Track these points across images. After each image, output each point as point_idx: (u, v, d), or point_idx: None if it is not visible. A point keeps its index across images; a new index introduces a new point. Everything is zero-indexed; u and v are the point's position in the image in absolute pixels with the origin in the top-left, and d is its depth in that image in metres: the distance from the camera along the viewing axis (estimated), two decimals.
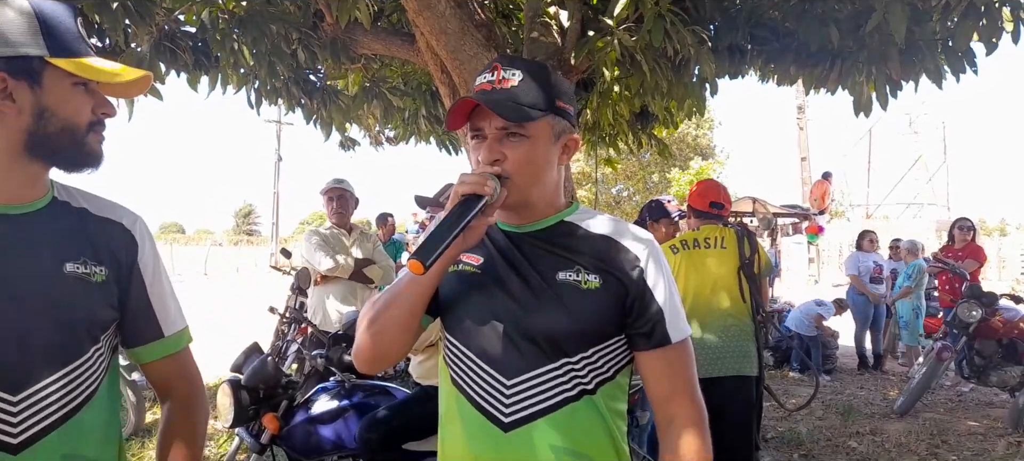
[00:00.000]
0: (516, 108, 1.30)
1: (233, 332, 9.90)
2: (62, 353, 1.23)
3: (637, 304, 1.33)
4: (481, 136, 1.34)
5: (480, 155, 1.34)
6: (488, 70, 1.36)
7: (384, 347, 1.37)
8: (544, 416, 1.30)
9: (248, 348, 3.27)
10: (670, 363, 1.35)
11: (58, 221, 1.28)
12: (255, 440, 3.17)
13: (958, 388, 7.12)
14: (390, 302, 1.35)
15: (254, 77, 4.87)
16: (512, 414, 1.31)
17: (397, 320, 1.35)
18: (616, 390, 1.38)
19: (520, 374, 1.31)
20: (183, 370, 1.46)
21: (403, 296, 1.34)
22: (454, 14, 4.03)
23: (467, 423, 1.35)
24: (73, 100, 1.23)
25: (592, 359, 1.33)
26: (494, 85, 1.33)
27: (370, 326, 1.37)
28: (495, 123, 1.32)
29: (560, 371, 1.31)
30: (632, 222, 2.26)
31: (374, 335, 1.36)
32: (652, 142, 6.47)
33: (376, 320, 1.36)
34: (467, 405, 1.35)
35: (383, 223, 9.27)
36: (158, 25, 4.20)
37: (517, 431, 1.30)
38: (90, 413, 1.26)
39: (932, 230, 23.87)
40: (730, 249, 3.75)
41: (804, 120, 22.57)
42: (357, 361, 1.41)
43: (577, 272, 1.33)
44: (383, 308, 1.36)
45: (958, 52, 4.31)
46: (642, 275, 1.33)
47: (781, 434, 5.48)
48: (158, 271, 1.41)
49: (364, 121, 6.79)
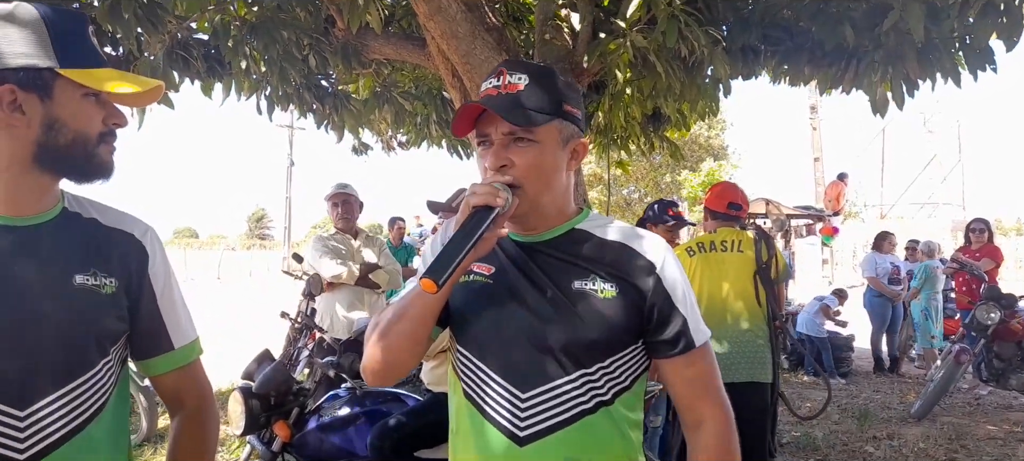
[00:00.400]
0: (522, 112, 1.28)
1: (246, 337, 9.94)
2: (71, 367, 1.21)
3: (656, 312, 1.31)
4: (487, 142, 1.32)
5: (487, 161, 1.32)
6: (494, 75, 1.33)
7: (393, 360, 1.34)
8: (561, 429, 1.28)
9: (259, 355, 3.27)
10: (695, 367, 1.35)
11: (68, 232, 1.26)
12: (266, 448, 3.15)
13: (976, 391, 7.02)
14: (400, 315, 1.32)
15: (266, 83, 4.87)
16: (528, 428, 1.28)
17: (406, 334, 1.31)
18: (633, 399, 1.36)
19: (536, 387, 1.29)
20: (193, 383, 1.44)
21: (412, 309, 1.30)
22: (465, 18, 4.01)
23: (481, 437, 1.32)
24: (83, 111, 1.21)
25: (609, 369, 1.30)
26: (500, 90, 1.31)
27: (379, 339, 1.33)
28: (501, 128, 1.29)
29: (577, 382, 1.28)
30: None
31: (383, 349, 1.33)
32: (664, 144, 6.43)
33: (385, 334, 1.33)
34: (480, 419, 1.33)
35: (392, 227, 9.27)
36: (170, 33, 4.20)
37: (533, 445, 1.28)
38: (99, 426, 1.25)
39: (948, 230, 23.63)
40: (747, 253, 3.69)
41: (817, 120, 22.40)
42: (366, 374, 1.38)
43: (593, 281, 1.30)
44: (393, 321, 1.32)
45: (976, 50, 4.25)
46: (660, 282, 1.31)
47: (796, 439, 5.42)
48: (169, 282, 1.39)
49: (376, 126, 6.79)
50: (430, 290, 1.16)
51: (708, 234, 3.88)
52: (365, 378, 1.38)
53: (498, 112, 1.26)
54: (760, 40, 4.55)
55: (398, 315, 1.32)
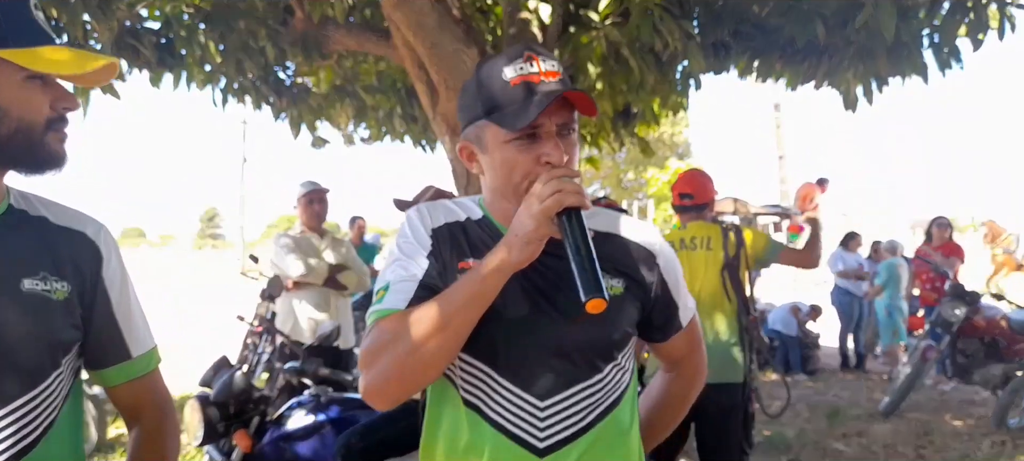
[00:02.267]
0: (590, 101, 1.17)
1: (200, 343, 9.62)
2: (19, 381, 1.08)
3: (657, 302, 1.30)
4: (534, 135, 1.15)
5: (545, 154, 1.14)
6: (523, 60, 1.17)
7: (434, 371, 1.17)
8: (582, 436, 1.20)
9: (217, 362, 3.12)
10: (684, 339, 1.40)
11: (15, 232, 1.13)
12: (226, 458, 3.03)
13: (940, 387, 7.12)
14: (445, 325, 1.10)
15: (220, 75, 4.67)
16: (547, 438, 1.19)
17: (451, 349, 1.13)
18: (632, 391, 1.32)
19: (554, 394, 1.19)
20: (152, 394, 1.32)
21: (468, 315, 1.11)
22: (432, 8, 3.89)
23: (494, 452, 1.19)
24: (27, 96, 1.08)
25: (621, 364, 1.27)
26: (541, 76, 1.16)
27: (410, 355, 1.11)
28: (557, 118, 1.14)
29: (594, 386, 1.22)
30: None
31: (417, 364, 1.12)
32: (633, 141, 6.37)
33: (420, 348, 1.10)
34: (492, 431, 1.19)
35: (353, 226, 9.02)
36: (120, 20, 3.99)
37: (554, 455, 1.19)
38: (50, 444, 1.12)
39: (907, 228, 24.23)
40: (716, 250, 3.56)
41: (780, 118, 22.77)
42: (381, 398, 1.18)
43: (603, 279, 1.20)
44: (432, 333, 1.10)
45: (945, 48, 4.29)
46: (660, 271, 1.30)
47: (767, 438, 5.40)
48: (125, 286, 1.27)
49: (336, 119, 6.61)
50: (602, 308, 1.05)
51: (677, 231, 3.73)
52: (375, 403, 1.19)
53: (575, 102, 1.16)
54: (731, 36, 4.53)
55: (459, 306, 1.11)
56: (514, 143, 1.15)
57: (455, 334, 1.11)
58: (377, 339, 1.15)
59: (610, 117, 5.53)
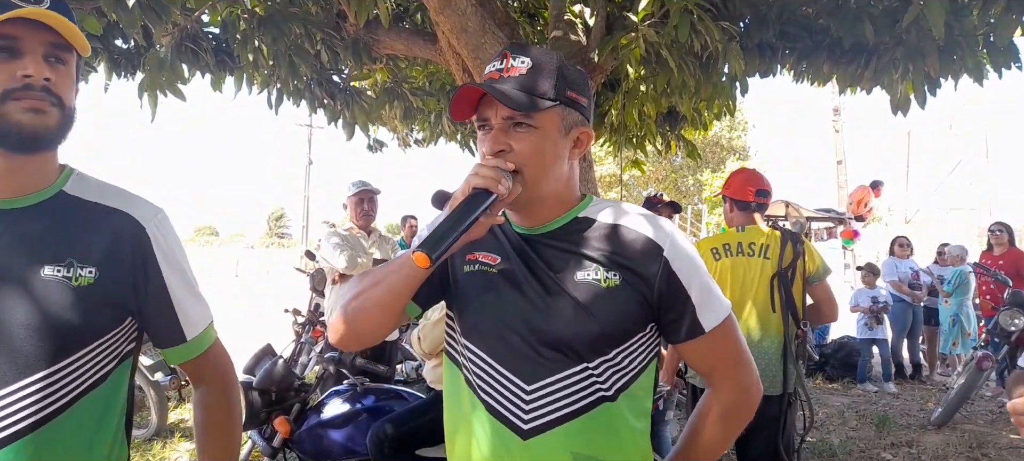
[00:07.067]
0: (523, 97, 1.23)
1: (258, 334, 9.95)
2: (27, 361, 1.15)
3: (664, 297, 1.28)
4: (487, 126, 1.28)
5: (485, 146, 1.28)
6: (497, 58, 1.30)
7: (361, 327, 1.33)
8: (564, 422, 1.26)
9: (260, 350, 3.26)
10: (710, 346, 1.34)
11: (53, 218, 1.20)
12: (267, 443, 3.15)
13: (999, 398, 6.84)
14: (378, 282, 1.31)
15: (276, 78, 4.85)
16: (531, 421, 1.26)
17: (382, 303, 1.30)
18: (639, 390, 1.32)
19: (540, 380, 1.26)
20: (213, 366, 1.42)
21: (394, 279, 1.29)
22: (475, 13, 3.96)
23: (483, 430, 1.30)
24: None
25: (614, 361, 1.28)
26: (501, 73, 1.27)
27: (353, 300, 1.32)
28: (501, 112, 1.26)
29: (580, 376, 1.26)
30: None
31: (353, 312, 1.32)
32: (681, 144, 6.33)
33: (360, 295, 1.32)
34: (483, 411, 1.30)
35: (404, 225, 9.24)
36: (179, 25, 4.19)
37: (536, 438, 1.26)
38: (61, 427, 1.18)
39: (974, 234, 23.20)
40: (772, 258, 3.38)
41: (840, 123, 22.07)
42: (331, 333, 1.37)
43: (595, 270, 1.27)
44: (369, 287, 1.31)
45: (1000, 47, 4.13)
46: (667, 265, 1.27)
47: (812, 445, 5.30)
48: (180, 269, 1.32)
49: (389, 122, 6.75)
50: (423, 265, 1.14)
51: (735, 232, 3.50)
52: (330, 338, 1.37)
53: (496, 95, 1.22)
54: (777, 37, 4.46)
55: (376, 282, 1.31)
56: (480, 133, 1.31)
57: (387, 289, 1.28)
58: (346, 288, 1.37)
59: (654, 119, 5.53)
